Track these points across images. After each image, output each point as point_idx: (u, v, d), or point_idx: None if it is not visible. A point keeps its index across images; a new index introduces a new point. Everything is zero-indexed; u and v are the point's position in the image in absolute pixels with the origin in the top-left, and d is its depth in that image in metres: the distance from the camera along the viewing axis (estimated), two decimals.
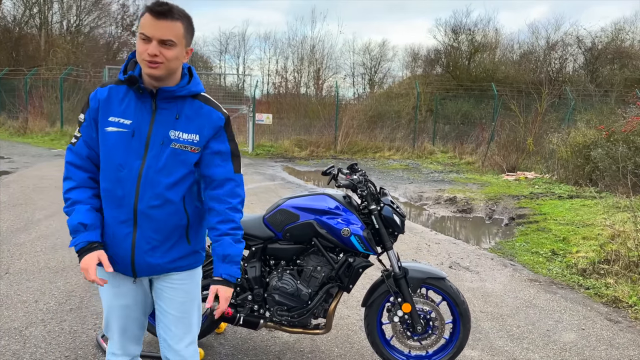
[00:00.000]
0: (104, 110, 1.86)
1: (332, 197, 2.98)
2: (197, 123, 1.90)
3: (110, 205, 1.88)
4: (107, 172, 1.87)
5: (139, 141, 1.84)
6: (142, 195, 1.84)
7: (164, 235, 1.91)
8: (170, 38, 1.76)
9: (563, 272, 5.34)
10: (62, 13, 27.83)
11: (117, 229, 1.88)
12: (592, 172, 10.59)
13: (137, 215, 1.86)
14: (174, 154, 1.86)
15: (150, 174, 1.84)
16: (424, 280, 2.97)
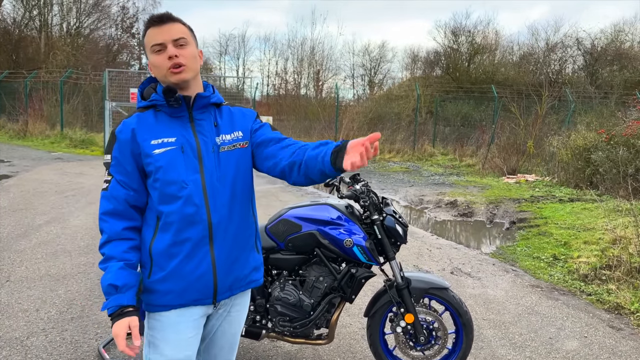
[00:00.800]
0: (142, 137, 1.76)
1: (335, 207, 2.97)
2: (234, 123, 1.90)
3: (179, 230, 1.74)
4: (169, 195, 1.75)
5: (191, 155, 1.78)
6: (213, 207, 1.77)
7: (240, 245, 1.87)
8: (181, 36, 1.76)
9: (564, 277, 5.33)
10: (62, 15, 27.87)
11: (192, 253, 1.76)
12: (592, 175, 10.60)
13: (213, 229, 1.77)
14: (227, 158, 1.83)
15: (214, 183, 1.78)
16: (427, 291, 2.96)
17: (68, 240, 5.75)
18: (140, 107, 1.85)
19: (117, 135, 1.78)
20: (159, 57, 1.74)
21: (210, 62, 33.96)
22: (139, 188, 1.79)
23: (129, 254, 1.75)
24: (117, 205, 1.75)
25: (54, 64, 22.87)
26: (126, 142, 1.76)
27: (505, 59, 27.68)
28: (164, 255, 1.76)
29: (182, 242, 1.75)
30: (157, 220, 1.77)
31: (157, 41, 1.74)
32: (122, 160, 1.77)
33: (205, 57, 34.01)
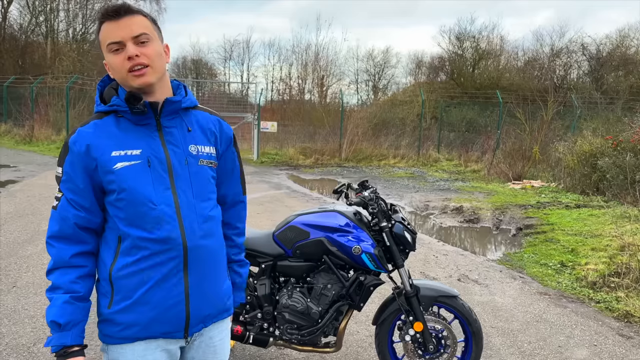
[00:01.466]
0: (99, 149, 1.52)
1: (343, 213, 2.96)
2: (210, 134, 1.69)
3: (150, 255, 1.53)
4: (136, 217, 1.52)
5: (160, 169, 1.55)
6: (188, 229, 1.57)
7: (216, 271, 1.68)
8: (142, 31, 1.51)
9: (573, 284, 5.29)
10: (67, 21, 28.09)
11: (164, 280, 1.55)
12: (599, 181, 10.54)
13: (188, 254, 1.56)
14: (202, 172, 1.63)
15: (190, 201, 1.59)
16: (436, 299, 2.94)
17: None
18: (98, 112, 1.59)
19: (70, 146, 1.53)
20: (116, 58, 1.50)
21: (215, 67, 34.13)
22: (92, 208, 1.55)
23: (77, 284, 1.53)
24: (64, 227, 1.53)
25: (59, 70, 23.00)
26: (79, 156, 1.52)
27: (509, 65, 27.68)
28: (128, 283, 1.53)
29: (152, 268, 1.53)
30: (118, 242, 1.55)
31: (114, 39, 1.49)
32: (74, 175, 1.53)
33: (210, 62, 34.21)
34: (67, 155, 1.53)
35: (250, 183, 11.58)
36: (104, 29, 1.51)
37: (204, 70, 33.70)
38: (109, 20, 1.50)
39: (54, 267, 1.54)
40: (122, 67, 1.49)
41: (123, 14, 1.50)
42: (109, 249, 1.57)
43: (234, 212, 1.84)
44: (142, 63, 1.49)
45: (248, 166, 15.25)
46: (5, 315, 3.86)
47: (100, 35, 1.53)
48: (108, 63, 1.54)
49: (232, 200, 1.82)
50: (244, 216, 1.89)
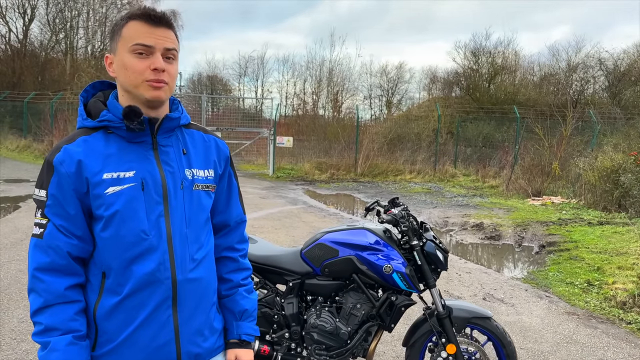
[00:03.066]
0: (90, 170, 1.36)
1: (372, 231, 2.90)
2: (207, 156, 1.56)
3: (135, 291, 1.38)
4: (123, 249, 1.38)
5: (154, 193, 1.41)
6: (179, 261, 1.43)
7: (207, 306, 1.54)
8: (174, 47, 1.41)
9: (601, 304, 5.15)
10: (87, 38, 28.64)
11: (151, 319, 1.40)
12: (621, 198, 10.35)
13: (177, 289, 1.42)
14: (199, 199, 1.50)
15: (182, 230, 1.45)
16: (469, 320, 2.86)
17: None
18: (84, 127, 1.43)
19: (55, 166, 1.35)
20: (140, 62, 1.37)
21: (230, 83, 34.44)
22: (85, 235, 1.39)
23: (76, 321, 1.36)
24: (56, 258, 1.34)
25: (78, 86, 23.33)
26: (68, 177, 1.35)
27: (526, 80, 27.53)
28: (114, 322, 1.39)
29: (139, 306, 1.39)
30: (102, 277, 1.40)
31: (146, 42, 1.37)
32: (63, 200, 1.35)
33: (225, 78, 34.53)
34: (53, 176, 1.35)
35: (266, 198, 11.57)
36: (135, 26, 1.38)
37: (219, 86, 34.03)
38: (145, 22, 1.38)
39: (45, 304, 1.33)
40: (142, 74, 1.37)
41: (164, 23, 1.40)
42: (91, 286, 1.41)
43: (237, 233, 1.70)
44: (164, 80, 1.39)
45: (264, 181, 15.26)
46: (29, 331, 3.83)
47: (125, 30, 1.39)
48: (123, 63, 1.38)
49: (235, 222, 1.69)
50: (246, 237, 1.76)
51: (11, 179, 12.59)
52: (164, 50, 1.39)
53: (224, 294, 1.65)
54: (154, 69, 1.37)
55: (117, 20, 1.44)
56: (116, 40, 1.41)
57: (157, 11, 1.41)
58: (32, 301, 1.35)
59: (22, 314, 4.16)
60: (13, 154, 18.75)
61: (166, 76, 1.40)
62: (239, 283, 1.67)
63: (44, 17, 27.64)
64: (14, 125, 22.22)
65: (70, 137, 1.41)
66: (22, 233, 6.91)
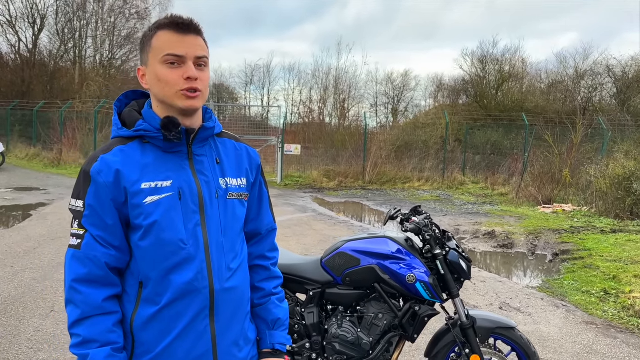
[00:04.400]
0: (128, 179, 1.35)
1: (394, 240, 2.87)
2: (240, 164, 1.56)
3: (173, 301, 1.37)
4: (161, 258, 1.37)
5: (191, 202, 1.40)
6: (216, 270, 1.42)
7: (243, 316, 1.53)
8: (204, 54, 1.40)
9: (619, 314, 5.08)
10: (95, 47, 28.85)
11: (189, 329, 1.39)
12: (633, 205, 10.26)
13: (215, 298, 1.42)
14: (233, 207, 1.49)
15: (218, 239, 1.44)
16: (493, 330, 2.82)
17: None
18: (119, 136, 1.42)
19: (92, 176, 1.34)
20: (172, 72, 1.36)
21: (236, 91, 34.58)
22: (122, 245, 1.38)
23: (115, 333, 1.35)
24: (94, 269, 1.34)
25: (87, 94, 23.53)
26: (106, 187, 1.34)
27: (533, 87, 27.47)
28: (151, 333, 1.38)
29: (177, 316, 1.38)
30: (139, 288, 1.39)
31: (177, 52, 1.35)
32: (101, 210, 1.34)
33: (232, 87, 34.70)
34: (90, 186, 1.34)
35: (275, 206, 11.55)
36: (164, 36, 1.37)
37: (225, 95, 34.17)
38: (174, 31, 1.37)
39: (83, 316, 1.32)
40: (176, 84, 1.36)
41: (192, 30, 1.38)
42: (128, 297, 1.40)
43: (268, 242, 1.70)
44: (197, 88, 1.37)
45: (272, 189, 15.25)
46: (45, 340, 3.83)
47: (154, 41, 1.38)
48: (157, 74, 1.37)
49: (267, 230, 1.68)
50: (277, 245, 1.76)
51: (21, 187, 12.64)
52: (195, 59, 1.37)
53: (256, 302, 1.64)
54: (187, 78, 1.36)
55: (146, 31, 1.43)
56: (146, 52, 1.41)
57: (184, 18, 1.39)
58: (70, 313, 1.34)
59: (38, 323, 4.15)
60: (23, 162, 18.87)
61: (199, 84, 1.38)
62: (271, 292, 1.66)
63: (53, 26, 27.93)
64: (24, 133, 22.38)
65: (106, 146, 1.40)
66: (34, 242, 6.93)
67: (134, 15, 29.35)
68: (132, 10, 29.20)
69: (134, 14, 29.28)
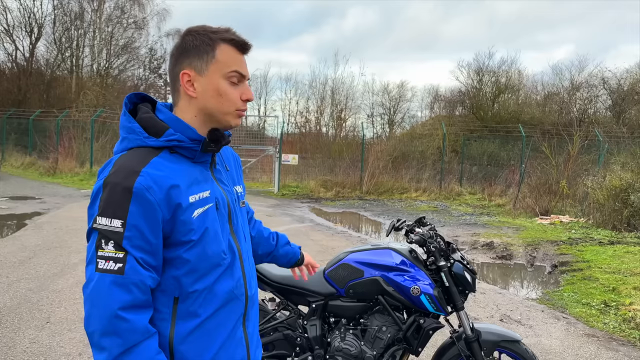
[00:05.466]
0: (179, 193, 1.28)
1: (398, 251, 2.84)
2: (235, 169, 1.61)
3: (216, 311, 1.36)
4: (205, 270, 1.34)
5: (224, 211, 1.41)
6: (249, 276, 1.47)
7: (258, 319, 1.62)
8: None
9: (620, 326, 5.05)
10: (92, 56, 28.83)
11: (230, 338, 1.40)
12: (630, 217, 10.27)
13: (248, 304, 1.45)
14: (244, 214, 1.55)
15: (246, 246, 1.49)
16: (498, 344, 2.78)
17: None
18: (148, 146, 1.31)
19: (138, 192, 1.22)
20: (234, 90, 1.36)
21: None
22: (159, 265, 1.30)
23: (160, 354, 1.27)
24: (139, 294, 1.24)
25: (83, 103, 23.47)
26: (157, 205, 1.24)
27: (529, 99, 27.62)
28: (194, 346, 1.33)
29: (219, 326, 1.36)
30: (174, 304, 1.32)
31: (242, 70, 1.37)
32: (148, 230, 1.24)
33: None
34: (131, 204, 1.21)
35: (273, 216, 11.50)
36: (230, 52, 1.35)
37: None
38: (238, 49, 1.37)
39: (130, 345, 1.21)
40: (236, 102, 1.37)
41: (248, 52, 1.41)
42: (161, 315, 1.31)
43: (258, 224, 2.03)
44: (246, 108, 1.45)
45: (269, 199, 15.20)
46: (41, 352, 3.76)
47: (219, 53, 1.34)
48: (218, 88, 1.34)
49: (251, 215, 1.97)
50: None
51: (17, 196, 12.55)
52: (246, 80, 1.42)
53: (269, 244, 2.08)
54: (245, 100, 1.39)
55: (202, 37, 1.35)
56: (205, 61, 1.34)
57: (247, 41, 1.40)
58: (111, 345, 1.20)
59: (34, 335, 4.08)
60: (18, 171, 18.76)
61: None
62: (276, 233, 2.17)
63: (50, 35, 27.95)
64: (19, 142, 22.28)
65: (138, 159, 1.28)
66: (29, 251, 6.85)
67: (132, 25, 29.44)
68: (130, 20, 29.30)
69: (131, 24, 29.36)
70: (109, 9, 28.64)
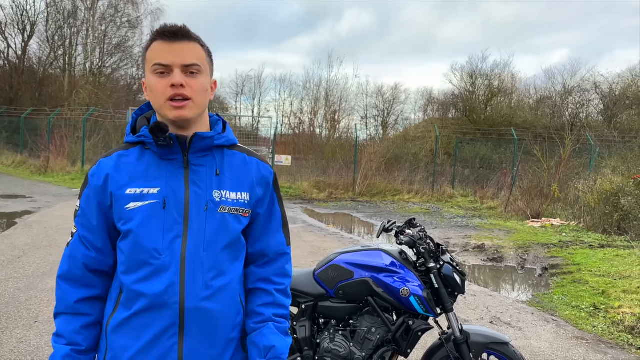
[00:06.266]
0: (116, 184, 1.37)
1: (388, 253, 2.84)
2: (244, 178, 1.48)
3: (141, 310, 1.34)
4: (135, 264, 1.36)
5: (175, 212, 1.37)
6: (190, 286, 1.35)
7: (220, 341, 1.42)
8: (194, 62, 1.36)
9: (609, 329, 5.08)
10: (85, 55, 28.66)
11: (153, 344, 1.34)
12: (621, 220, 10.34)
13: (185, 316, 1.34)
14: (223, 222, 1.41)
15: (198, 253, 1.37)
16: (487, 345, 2.79)
17: None
18: (127, 142, 1.46)
19: (88, 178, 1.42)
20: (159, 81, 1.35)
21: (227, 102, 34.55)
22: (105, 248, 1.40)
23: (80, 335, 1.38)
24: (73, 267, 1.39)
25: (76, 102, 23.33)
26: (95, 190, 1.39)
27: (522, 102, 27.77)
28: (120, 338, 1.37)
29: (144, 326, 1.34)
30: (120, 292, 1.38)
31: (163, 61, 1.34)
32: (88, 211, 1.40)
33: (222, 97, 34.66)
34: (86, 188, 1.43)
35: None
36: (155, 47, 1.37)
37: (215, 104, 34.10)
38: (163, 39, 1.36)
39: (59, 311, 1.42)
40: (163, 93, 1.35)
41: (180, 37, 1.36)
42: (110, 299, 1.42)
43: (277, 266, 1.56)
44: (185, 95, 1.34)
45: None
46: (29, 352, 3.73)
47: (148, 52, 1.39)
48: (148, 84, 1.39)
49: (275, 253, 1.56)
50: (289, 272, 1.60)
51: (7, 195, 12.45)
52: (182, 67, 1.35)
53: (252, 327, 1.50)
54: (171, 86, 1.34)
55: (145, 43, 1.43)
56: (144, 64, 1.43)
57: (172, 26, 1.37)
58: (56, 304, 1.44)
59: (21, 334, 4.05)
60: (9, 170, 18.61)
61: (188, 91, 1.35)
62: (270, 317, 1.50)
63: (43, 33, 27.73)
64: (11, 140, 22.09)
65: (110, 151, 1.46)
66: (19, 250, 6.80)
67: (125, 24, 29.27)
68: (124, 19, 29.12)
69: (125, 23, 29.19)
70: (102, 7, 28.49)
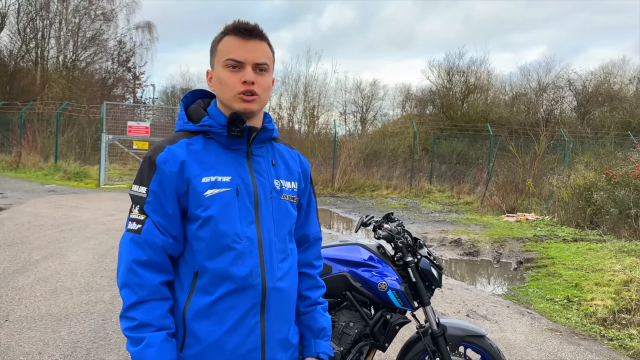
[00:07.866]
0: (192, 171, 1.42)
1: (366, 247, 2.84)
2: (293, 169, 1.63)
3: (227, 294, 1.42)
4: (217, 249, 1.41)
5: (247, 199, 1.46)
6: (268, 267, 1.46)
7: (290, 317, 1.57)
8: (265, 61, 1.47)
9: (582, 321, 5.19)
10: (58, 48, 28.02)
11: (240, 324, 1.43)
12: (593, 215, 10.57)
13: (267, 295, 1.46)
14: (285, 208, 1.55)
15: (272, 238, 1.49)
16: (463, 338, 2.81)
17: (68, 277, 5.52)
18: (184, 130, 1.51)
19: (158, 164, 1.41)
20: (232, 76, 1.44)
21: None
22: (179, 235, 1.45)
23: (169, 318, 1.41)
24: (153, 254, 1.40)
25: (49, 96, 22.81)
26: (171, 176, 1.40)
27: (498, 99, 28.14)
28: (203, 324, 1.42)
29: (229, 309, 1.42)
30: (194, 278, 1.44)
31: (237, 57, 1.44)
32: (163, 198, 1.41)
33: None
34: (155, 174, 1.41)
35: None
36: (228, 41, 1.46)
37: None
38: (237, 35, 1.45)
39: (140, 300, 1.37)
40: (234, 87, 1.44)
41: (254, 36, 1.46)
42: (181, 286, 1.46)
43: (315, 250, 1.75)
44: (254, 91, 1.45)
45: None
46: (0, 352, 3.64)
47: (220, 45, 1.48)
48: (219, 77, 1.47)
49: (314, 238, 1.75)
50: (322, 254, 1.81)
51: None
52: (254, 65, 1.45)
53: (302, 310, 1.67)
54: (243, 82, 1.44)
55: (216, 36, 1.51)
56: (214, 56, 1.51)
57: (248, 24, 1.47)
58: (126, 296, 1.39)
59: None
60: None
61: (256, 88, 1.45)
62: (316, 300, 1.69)
63: (14, 25, 27.00)
64: None
65: (171, 138, 1.48)
66: None
67: (100, 17, 28.69)
68: (98, 12, 28.54)
69: (99, 15, 28.62)
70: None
